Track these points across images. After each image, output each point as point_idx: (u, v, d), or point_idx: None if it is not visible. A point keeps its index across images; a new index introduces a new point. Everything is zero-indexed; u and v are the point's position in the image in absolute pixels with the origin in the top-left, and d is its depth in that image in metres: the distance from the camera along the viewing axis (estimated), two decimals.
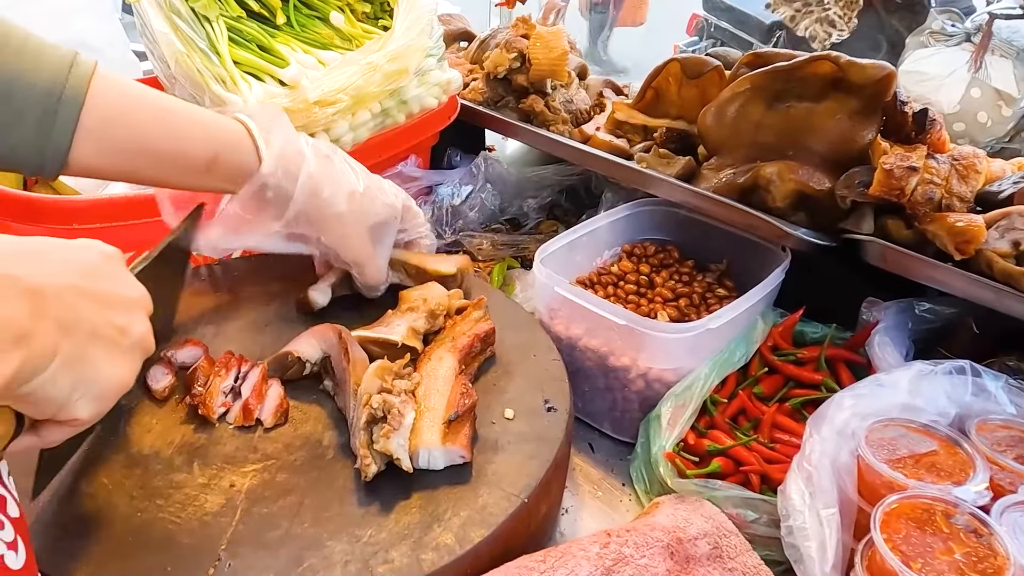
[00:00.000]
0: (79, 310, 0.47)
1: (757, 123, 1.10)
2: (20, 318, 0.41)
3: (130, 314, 0.52)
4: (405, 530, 0.71)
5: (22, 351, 0.41)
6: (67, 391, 0.47)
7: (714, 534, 0.78)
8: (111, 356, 0.49)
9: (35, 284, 0.43)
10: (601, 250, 1.20)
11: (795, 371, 0.99)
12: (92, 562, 0.66)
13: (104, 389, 0.49)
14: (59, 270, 0.47)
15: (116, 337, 0.50)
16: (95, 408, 0.50)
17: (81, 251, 0.50)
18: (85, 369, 0.47)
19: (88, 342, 0.47)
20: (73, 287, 0.47)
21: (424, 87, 1.23)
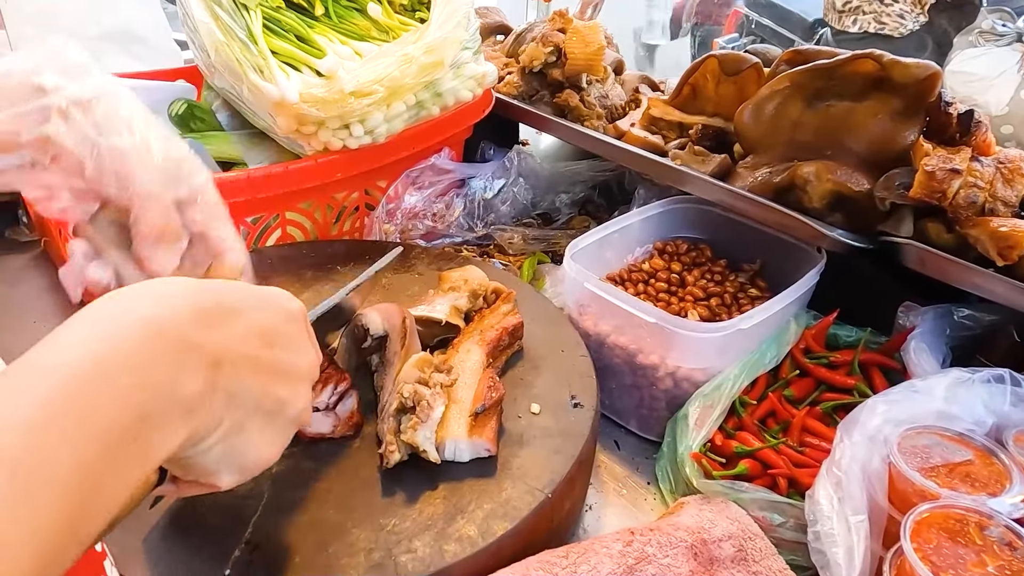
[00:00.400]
0: (249, 383, 0.45)
1: (795, 121, 1.08)
2: (196, 392, 0.40)
3: (295, 387, 0.50)
4: (428, 520, 0.71)
5: (191, 425, 0.40)
6: (217, 462, 0.46)
7: (739, 536, 0.77)
8: (266, 431, 0.48)
9: (216, 354, 0.42)
10: (632, 247, 1.19)
11: (827, 375, 0.97)
12: (120, 541, 0.68)
13: (251, 463, 0.48)
14: (242, 336, 0.45)
15: (275, 410, 0.48)
16: (236, 479, 0.49)
17: (267, 311, 0.48)
18: (239, 442, 0.46)
19: (248, 416, 0.46)
20: (250, 359, 0.45)
21: (459, 80, 1.23)
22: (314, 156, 1.14)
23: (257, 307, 0.48)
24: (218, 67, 1.16)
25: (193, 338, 0.41)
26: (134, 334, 0.38)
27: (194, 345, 0.40)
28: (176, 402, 0.38)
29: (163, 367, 0.38)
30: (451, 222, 1.35)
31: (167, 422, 0.38)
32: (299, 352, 0.51)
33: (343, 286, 1.05)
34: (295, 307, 0.52)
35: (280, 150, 1.24)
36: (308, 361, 0.52)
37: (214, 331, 0.42)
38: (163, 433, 0.38)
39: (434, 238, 1.34)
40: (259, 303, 0.48)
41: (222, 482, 0.47)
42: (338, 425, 0.80)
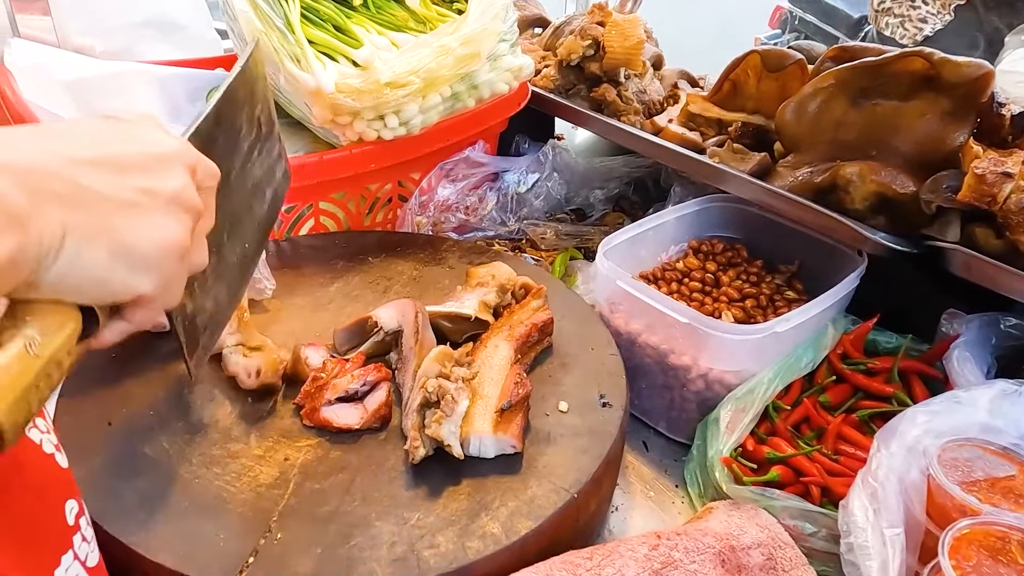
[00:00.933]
0: (83, 181, 0.41)
1: (839, 120, 1.05)
2: (6, 197, 0.36)
3: (157, 172, 0.46)
4: (452, 516, 0.70)
5: (17, 233, 0.37)
6: (103, 267, 0.42)
7: (769, 545, 0.76)
8: (142, 220, 0.44)
9: (19, 163, 0.38)
10: (667, 245, 1.17)
11: (865, 381, 0.94)
12: (149, 523, 0.68)
13: (148, 253, 0.44)
14: (56, 145, 0.41)
15: (140, 199, 0.44)
16: (151, 277, 0.45)
17: (87, 121, 0.45)
18: (114, 239, 0.42)
19: (107, 212, 0.42)
20: (71, 159, 0.41)
21: (496, 72, 1.22)
22: (349, 146, 1.14)
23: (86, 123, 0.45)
24: None
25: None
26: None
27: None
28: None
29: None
30: (483, 216, 1.34)
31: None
32: (147, 141, 0.47)
33: (375, 277, 1.05)
34: (137, 115, 0.49)
35: (315, 140, 1.24)
36: (164, 147, 0.47)
37: (17, 147, 0.39)
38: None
39: (466, 231, 1.33)
40: (90, 120, 0.45)
41: (138, 284, 0.44)
42: (365, 417, 0.79)
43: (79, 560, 0.54)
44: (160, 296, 0.46)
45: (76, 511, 0.55)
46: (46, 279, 0.40)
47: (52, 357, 0.41)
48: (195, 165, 0.50)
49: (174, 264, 0.46)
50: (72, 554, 0.53)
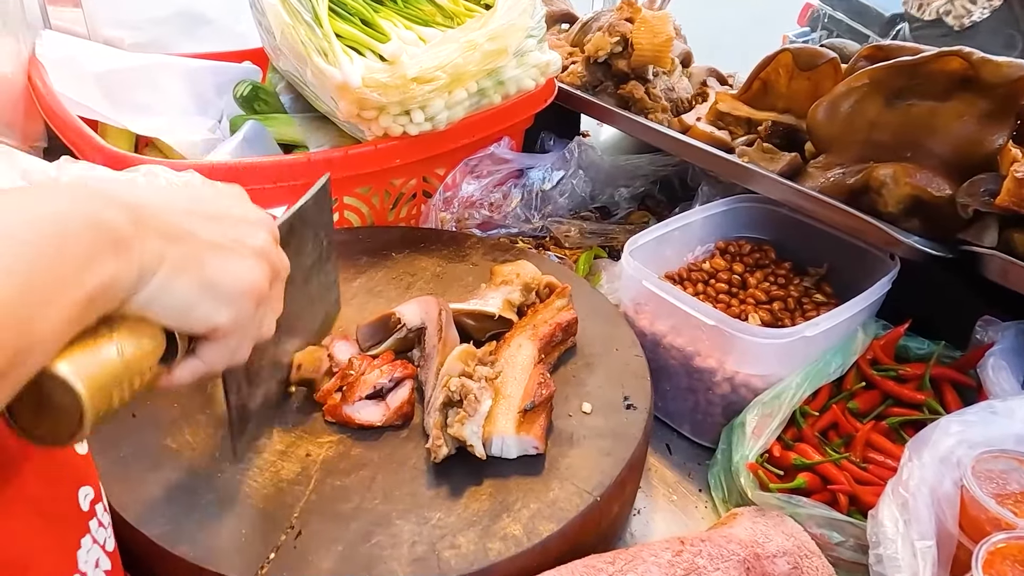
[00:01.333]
0: (185, 224, 0.47)
1: (873, 121, 1.03)
2: (118, 226, 0.41)
3: (247, 228, 0.52)
4: (474, 516, 0.70)
5: (120, 257, 0.41)
6: (189, 296, 0.47)
7: (795, 553, 0.74)
8: (230, 260, 0.50)
9: (136, 201, 0.44)
10: (693, 245, 1.16)
11: (895, 388, 0.92)
12: (171, 516, 0.69)
13: (230, 290, 0.50)
14: (166, 194, 0.48)
15: (231, 245, 0.50)
16: (229, 311, 0.50)
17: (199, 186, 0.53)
18: (202, 273, 0.48)
19: (200, 249, 0.48)
20: (175, 207, 0.48)
21: (522, 68, 1.21)
22: (374, 141, 1.13)
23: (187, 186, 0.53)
24: (283, 49, 1.16)
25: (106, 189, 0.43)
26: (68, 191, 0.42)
27: (108, 192, 0.43)
28: (97, 231, 0.40)
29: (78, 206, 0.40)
30: (508, 212, 1.33)
31: (92, 248, 0.40)
32: (241, 207, 0.54)
33: (398, 272, 1.05)
34: (234, 187, 0.56)
35: (341, 134, 1.24)
36: (254, 213, 0.55)
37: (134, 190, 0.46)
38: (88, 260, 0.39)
39: (490, 228, 1.32)
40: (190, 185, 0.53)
41: (215, 317, 0.49)
42: (387, 414, 0.79)
43: (98, 544, 0.56)
44: (233, 334, 0.52)
45: (91, 497, 0.56)
46: (138, 299, 0.45)
47: (135, 365, 0.46)
48: (276, 237, 0.57)
49: (250, 306, 0.52)
50: (91, 538, 0.55)
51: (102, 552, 0.56)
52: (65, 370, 0.41)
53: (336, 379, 0.81)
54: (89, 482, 0.56)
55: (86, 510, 0.55)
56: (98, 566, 0.55)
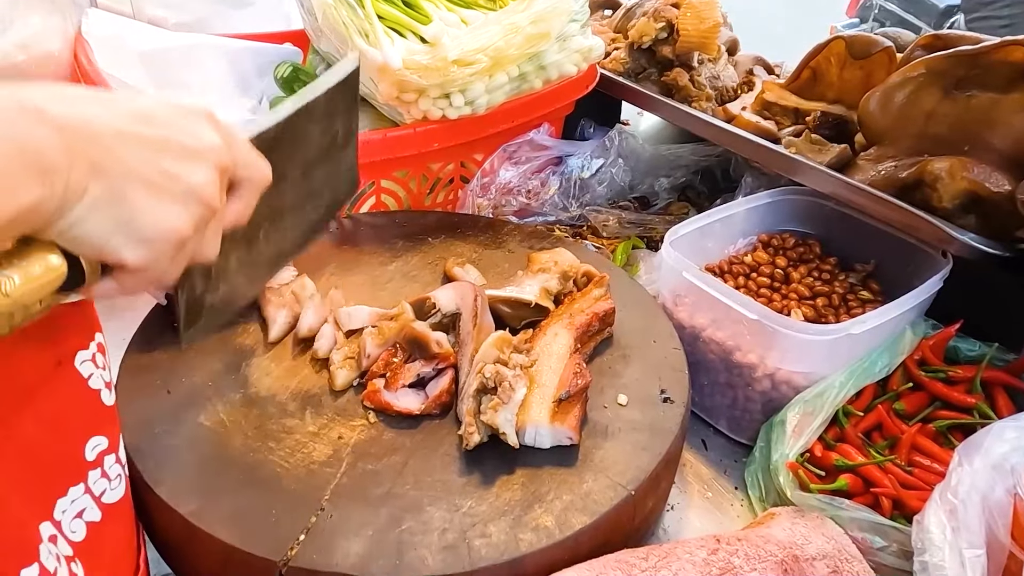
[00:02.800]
0: (118, 152, 0.44)
1: (929, 112, 0.99)
2: (46, 151, 0.39)
3: (186, 162, 0.48)
4: (505, 506, 0.69)
5: (44, 186, 0.39)
6: (103, 231, 0.44)
7: (835, 557, 0.72)
8: (154, 200, 0.46)
9: (69, 122, 0.41)
10: (735, 238, 1.13)
11: (944, 390, 0.89)
12: (204, 493, 0.69)
13: (147, 233, 0.46)
14: (109, 113, 0.44)
15: (162, 182, 0.46)
16: (140, 252, 0.47)
17: (152, 104, 0.48)
18: (122, 210, 0.44)
19: (126, 184, 0.44)
20: (117, 130, 0.44)
21: (564, 53, 1.19)
22: (413, 124, 1.12)
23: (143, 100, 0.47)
24: (324, 30, 1.15)
25: (46, 105, 0.40)
26: None
27: (43, 110, 0.40)
28: (24, 154, 0.38)
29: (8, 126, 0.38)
30: (545, 200, 1.31)
31: (14, 174, 0.38)
32: (188, 133, 0.49)
33: (433, 257, 1.04)
34: (193, 104, 0.51)
35: (379, 117, 1.23)
36: (202, 142, 0.49)
37: (74, 105, 0.42)
38: (10, 186, 0.37)
39: (527, 215, 1.31)
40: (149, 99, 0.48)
41: (125, 255, 0.46)
42: (426, 403, 0.78)
43: (91, 493, 0.57)
44: (146, 271, 0.48)
45: (102, 448, 0.57)
46: (52, 228, 0.43)
47: (20, 300, 0.43)
48: (229, 166, 0.52)
49: (167, 248, 0.48)
50: (83, 487, 0.56)
51: (92, 502, 0.56)
52: None
53: (380, 366, 0.81)
54: (104, 432, 0.57)
55: (91, 459, 0.55)
56: (81, 516, 0.55)
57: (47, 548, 0.51)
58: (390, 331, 0.84)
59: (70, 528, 0.53)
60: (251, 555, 0.64)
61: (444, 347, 0.82)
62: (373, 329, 0.84)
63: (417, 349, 0.82)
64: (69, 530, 0.53)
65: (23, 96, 0.39)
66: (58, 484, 0.53)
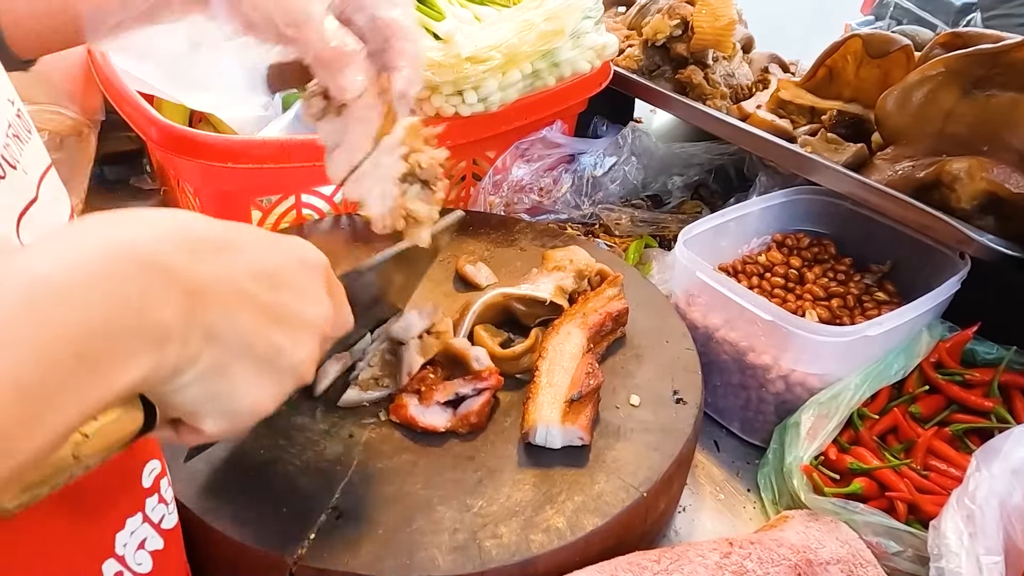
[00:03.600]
0: (238, 319, 0.40)
1: (948, 112, 0.98)
2: (168, 320, 0.35)
3: (296, 335, 0.44)
4: (516, 507, 0.68)
5: (158, 356, 0.35)
6: (197, 403, 0.41)
7: (849, 561, 0.71)
8: (257, 378, 0.43)
9: (197, 283, 0.37)
10: (749, 237, 1.12)
11: (961, 394, 0.88)
12: (214, 490, 0.69)
13: (238, 410, 0.43)
14: (235, 270, 0.40)
15: (269, 356, 0.43)
16: (223, 426, 0.43)
17: (277, 254, 0.44)
18: (223, 385, 0.41)
19: (235, 358, 0.41)
20: (241, 293, 0.40)
21: (578, 50, 1.18)
22: (425, 122, 1.12)
23: (266, 249, 0.43)
24: None
25: (170, 261, 0.36)
26: (103, 250, 0.34)
27: (169, 268, 0.36)
28: (143, 326, 0.34)
29: (130, 287, 0.34)
30: (557, 198, 1.31)
31: (131, 345, 0.34)
32: (307, 300, 0.45)
33: (445, 255, 1.03)
34: (314, 256, 0.47)
35: None
36: (318, 311, 0.46)
37: (200, 260, 0.38)
38: (125, 356, 0.34)
39: (539, 213, 1.30)
40: (271, 246, 0.44)
41: (206, 426, 0.43)
42: (452, 421, 0.76)
43: (149, 522, 0.54)
44: (218, 437, 0.45)
45: (157, 472, 0.55)
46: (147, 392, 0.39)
47: (86, 460, 0.39)
48: (329, 335, 0.49)
49: (248, 423, 0.45)
50: (141, 516, 0.53)
51: (153, 531, 0.54)
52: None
53: (415, 382, 0.79)
54: (156, 455, 0.55)
55: (148, 486, 0.53)
56: (143, 547, 0.52)
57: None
58: (431, 346, 0.81)
59: (135, 561, 0.51)
60: (262, 553, 0.63)
61: (484, 363, 0.79)
62: (417, 342, 0.81)
63: (455, 366, 0.80)
64: (135, 563, 0.51)
65: (143, 249, 0.35)
66: (115, 517, 0.50)
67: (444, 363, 0.81)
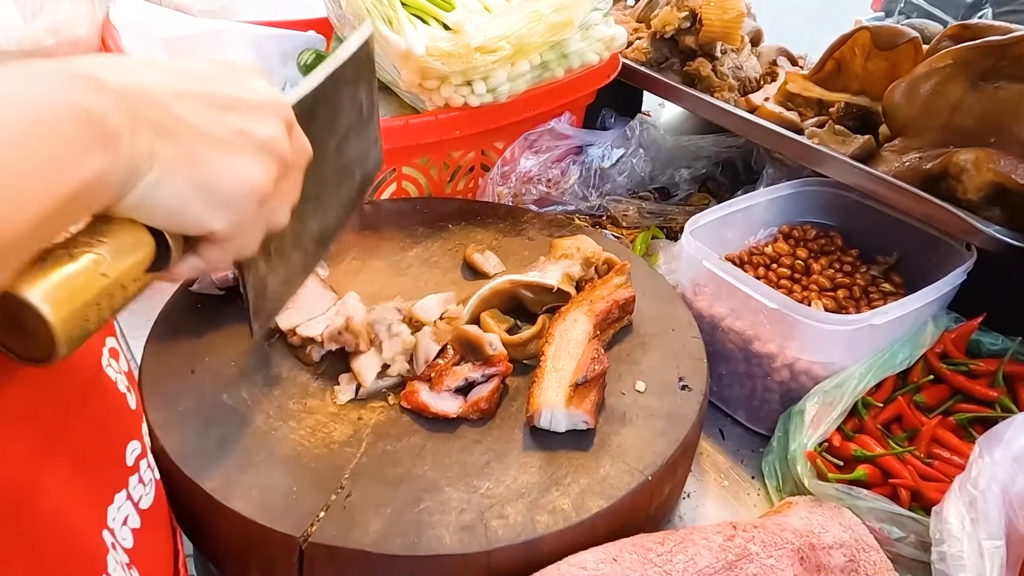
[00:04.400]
0: (181, 113, 0.42)
1: (956, 104, 0.98)
2: (106, 116, 0.37)
3: (253, 116, 0.46)
4: (523, 488, 0.69)
5: (108, 153, 0.37)
6: (181, 197, 0.42)
7: (852, 546, 0.72)
8: (229, 158, 0.44)
9: (127, 87, 0.39)
10: (756, 229, 1.12)
11: (965, 383, 0.88)
12: (226, 470, 0.70)
13: (228, 193, 0.44)
14: (166, 76, 0.42)
15: (232, 139, 0.44)
16: (225, 215, 0.45)
17: (209, 65, 0.46)
18: (197, 172, 0.42)
19: (196, 144, 0.42)
20: (177, 92, 0.42)
21: (587, 42, 1.19)
22: (434, 112, 1.13)
23: (199, 64, 0.45)
24: (348, 17, 1.16)
25: (102, 75, 0.38)
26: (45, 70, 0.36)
27: (93, 77, 0.38)
28: (85, 122, 0.36)
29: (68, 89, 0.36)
30: (565, 189, 1.31)
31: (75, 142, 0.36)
32: (250, 88, 0.47)
33: (454, 244, 1.04)
34: (244, 64, 0.49)
35: (401, 105, 1.24)
36: (264, 96, 0.48)
37: (129, 72, 0.40)
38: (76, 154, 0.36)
39: (546, 204, 1.31)
40: (203, 62, 0.46)
41: (210, 222, 0.44)
42: (464, 407, 0.77)
43: (131, 501, 0.55)
44: (233, 237, 0.47)
45: (138, 453, 0.56)
46: (126, 201, 0.41)
47: (119, 278, 0.42)
48: (291, 124, 0.50)
49: (252, 207, 0.46)
50: (126, 494, 0.54)
51: (133, 509, 0.55)
52: (32, 294, 0.38)
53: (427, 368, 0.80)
54: (137, 436, 0.56)
55: (130, 465, 0.54)
56: (126, 523, 0.54)
57: (113, 557, 0.50)
58: (445, 332, 0.82)
59: (121, 536, 0.52)
60: (272, 531, 0.64)
61: (498, 348, 0.80)
62: (430, 330, 0.82)
63: (470, 351, 0.81)
64: (121, 538, 0.52)
65: (76, 66, 0.37)
66: (107, 492, 0.52)
67: (455, 348, 0.82)
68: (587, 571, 0.64)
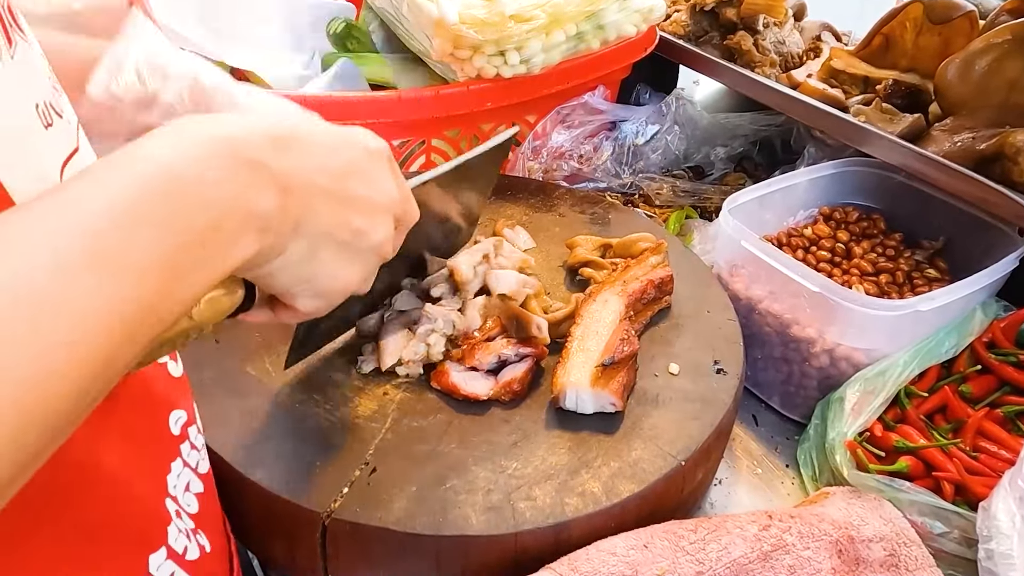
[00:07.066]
0: (319, 211, 0.45)
1: (1013, 81, 0.93)
2: (268, 211, 0.40)
3: (372, 218, 0.50)
4: (551, 470, 0.67)
5: (261, 243, 0.41)
6: (288, 284, 0.47)
7: (892, 540, 0.69)
8: (340, 258, 0.48)
9: (287, 179, 0.42)
10: (795, 209, 1.09)
11: (1015, 375, 0.85)
12: (249, 442, 0.68)
13: (326, 289, 0.49)
14: (313, 166, 0.45)
15: (350, 240, 0.48)
16: (316, 304, 0.50)
17: (343, 148, 0.48)
18: (309, 268, 0.47)
19: (319, 242, 0.46)
20: (320, 189, 0.45)
21: (624, 13, 1.15)
22: (466, 83, 1.10)
23: (334, 142, 0.48)
24: None
25: (266, 160, 0.41)
26: (209, 149, 0.38)
27: (266, 167, 0.41)
28: (249, 217, 0.39)
29: (238, 183, 0.39)
30: (597, 166, 1.28)
31: (240, 235, 0.39)
32: (376, 187, 0.50)
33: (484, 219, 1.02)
34: (376, 145, 0.51)
35: (432, 76, 1.21)
36: (387, 196, 0.51)
37: (286, 157, 0.42)
38: (234, 243, 0.39)
39: (578, 181, 1.28)
40: (337, 139, 0.48)
41: (300, 304, 0.50)
42: (495, 389, 0.74)
43: (189, 467, 0.56)
44: (313, 313, 0.51)
45: (184, 421, 0.56)
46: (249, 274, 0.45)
47: (202, 322, 0.45)
48: (402, 216, 0.54)
49: (340, 300, 0.51)
50: (181, 462, 0.55)
51: (193, 475, 0.56)
52: None
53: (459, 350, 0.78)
54: (181, 405, 0.56)
55: (177, 434, 0.55)
56: (188, 489, 0.55)
57: (176, 525, 0.51)
58: (494, 308, 0.82)
59: (185, 502, 0.54)
60: (295, 505, 0.63)
61: (543, 333, 0.78)
62: (479, 301, 0.82)
63: (515, 328, 0.78)
64: (185, 504, 0.54)
65: (237, 145, 0.39)
66: (163, 461, 0.53)
67: (496, 322, 0.80)
68: (617, 556, 0.62)
